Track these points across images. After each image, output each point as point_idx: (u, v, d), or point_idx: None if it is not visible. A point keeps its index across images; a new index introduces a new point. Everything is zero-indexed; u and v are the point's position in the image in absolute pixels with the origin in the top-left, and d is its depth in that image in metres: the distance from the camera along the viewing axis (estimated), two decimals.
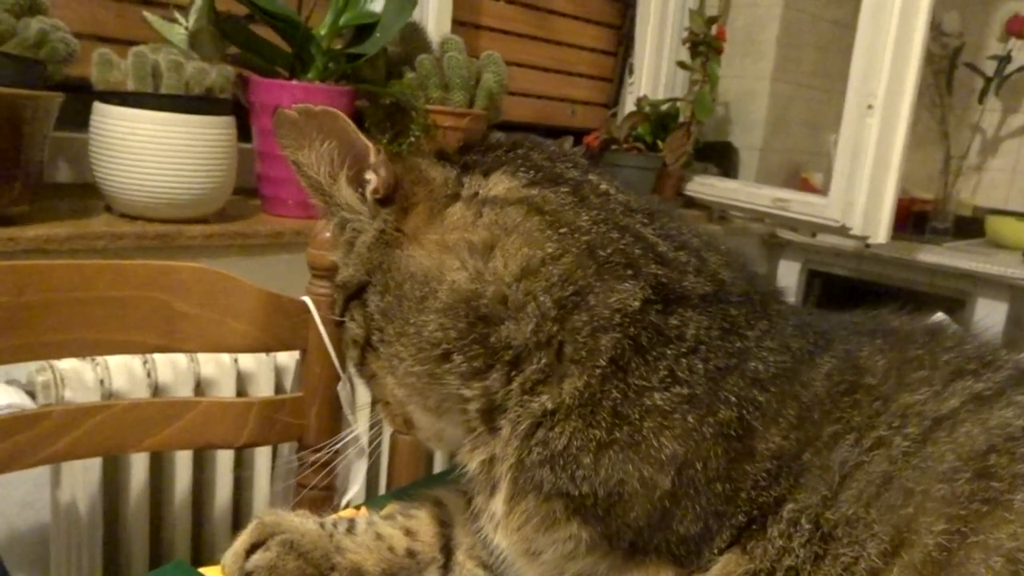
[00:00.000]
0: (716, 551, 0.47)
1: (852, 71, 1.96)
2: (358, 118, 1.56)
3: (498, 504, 0.52)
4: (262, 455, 1.37)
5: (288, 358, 1.33)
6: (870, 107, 1.91)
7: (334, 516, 0.62)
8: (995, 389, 0.47)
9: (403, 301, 0.52)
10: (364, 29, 1.50)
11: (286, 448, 1.32)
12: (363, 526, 0.60)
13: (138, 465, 1.23)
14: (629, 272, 0.49)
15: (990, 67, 2.77)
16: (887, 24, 1.86)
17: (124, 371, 1.18)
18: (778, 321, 0.51)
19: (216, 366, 1.27)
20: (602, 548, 0.49)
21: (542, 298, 0.49)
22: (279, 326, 1.00)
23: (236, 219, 1.41)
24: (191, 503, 1.31)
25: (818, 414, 0.47)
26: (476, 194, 0.53)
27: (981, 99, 2.80)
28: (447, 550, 0.60)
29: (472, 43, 1.88)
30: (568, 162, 0.56)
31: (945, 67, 2.74)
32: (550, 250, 0.50)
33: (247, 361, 1.30)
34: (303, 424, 1.03)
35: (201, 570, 0.60)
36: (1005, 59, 2.73)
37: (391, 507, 0.63)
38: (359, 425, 1.07)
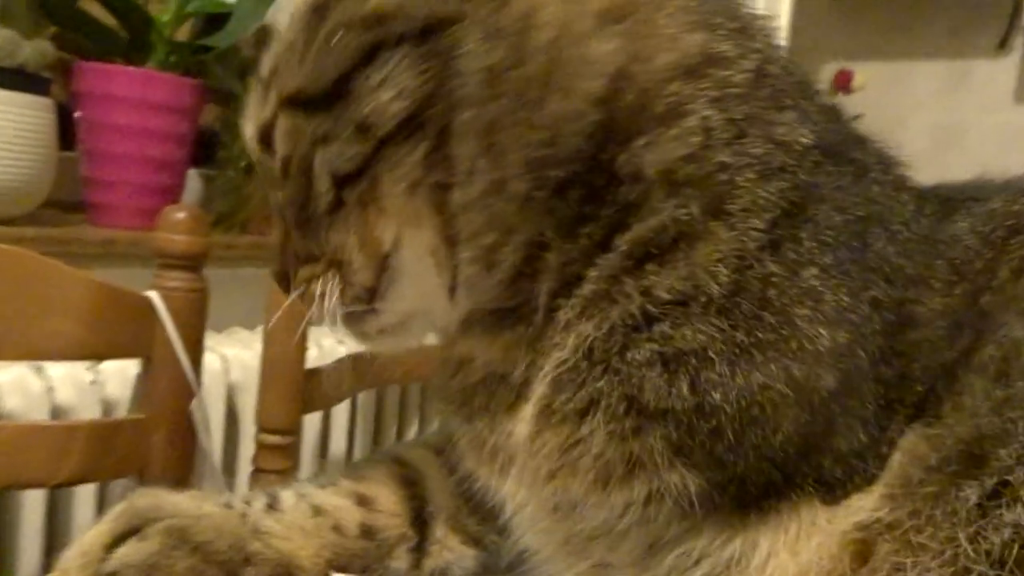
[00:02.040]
0: (881, 456, 0.36)
1: None
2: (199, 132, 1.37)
3: (522, 425, 0.36)
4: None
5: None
6: None
7: (247, 492, 0.44)
8: None
9: (526, 82, 0.38)
10: (215, 20, 1.33)
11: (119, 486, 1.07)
12: (292, 499, 0.43)
13: None
14: (789, 103, 0.40)
15: None
16: None
17: None
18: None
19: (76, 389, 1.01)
20: (706, 506, 0.36)
21: (707, 112, 0.37)
22: (115, 327, 0.79)
23: (57, 226, 1.17)
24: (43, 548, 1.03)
25: (980, 262, 0.39)
26: None
27: None
28: (420, 522, 0.44)
29: None
30: None
31: None
32: (726, 50, 0.39)
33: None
34: (145, 453, 0.82)
35: None
36: None
37: (332, 473, 0.46)
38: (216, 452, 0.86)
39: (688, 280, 0.37)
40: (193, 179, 1.46)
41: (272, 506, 0.43)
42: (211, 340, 1.23)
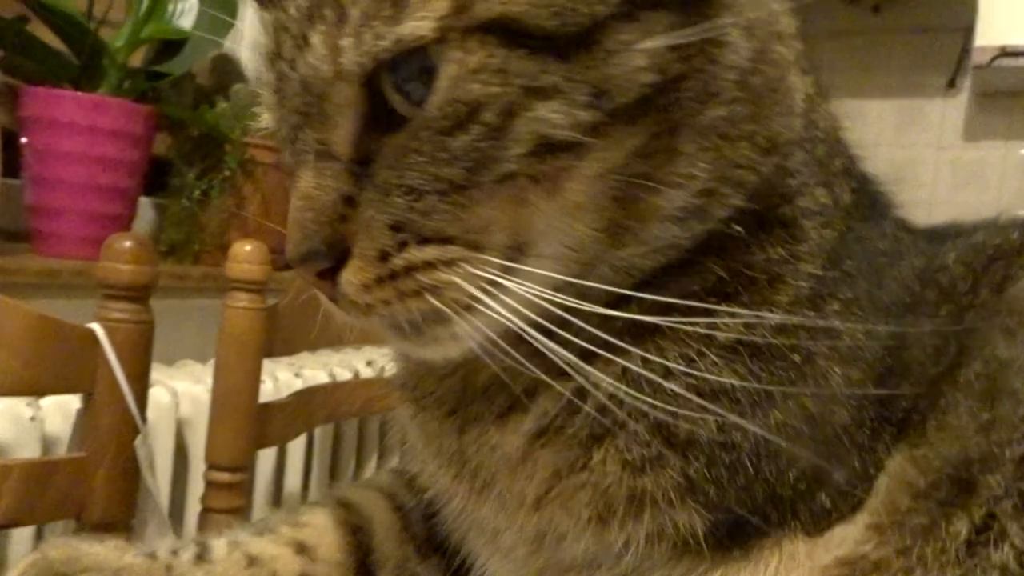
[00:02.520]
0: (869, 479, 0.36)
1: None
2: (154, 159, 1.34)
3: (512, 439, 0.36)
4: None
5: None
6: None
7: (173, 540, 0.40)
8: None
9: (762, 93, 0.37)
10: (170, 46, 1.31)
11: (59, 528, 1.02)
12: (224, 548, 0.40)
13: None
14: (839, 159, 0.43)
15: None
16: None
17: None
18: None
19: (14, 425, 0.96)
20: (703, 545, 0.35)
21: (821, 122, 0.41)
22: (56, 361, 0.75)
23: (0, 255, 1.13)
24: None
25: (964, 285, 0.40)
26: None
27: None
28: (365, 572, 0.41)
29: None
30: None
31: None
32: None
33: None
34: (84, 494, 0.77)
35: None
36: None
37: (270, 517, 0.42)
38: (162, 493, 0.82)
39: (750, 328, 0.36)
40: (146, 207, 1.42)
41: (202, 556, 0.40)
42: (160, 373, 1.19)
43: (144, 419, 0.80)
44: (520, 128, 0.32)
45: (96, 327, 0.77)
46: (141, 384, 0.80)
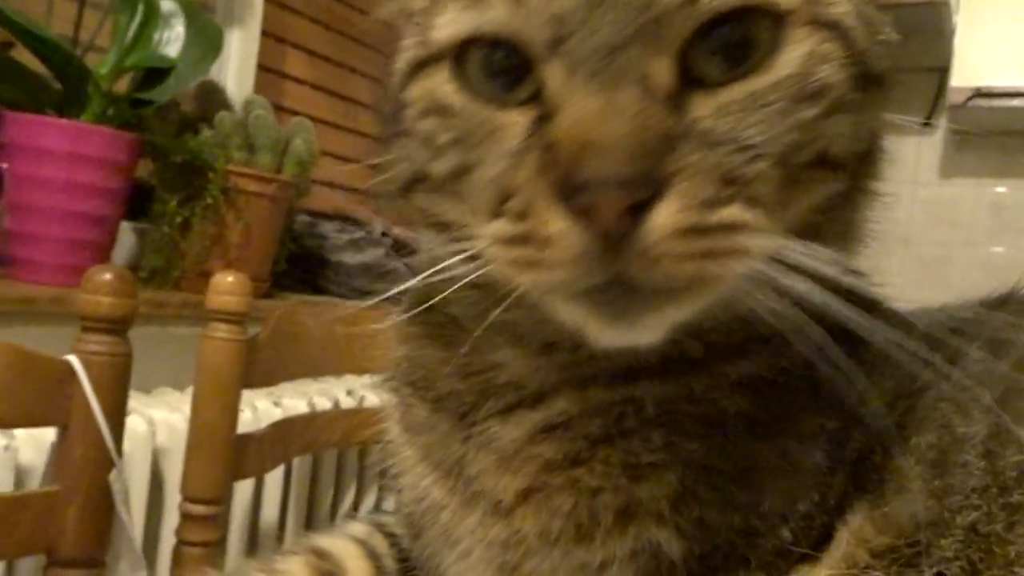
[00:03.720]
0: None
1: None
2: (137, 185, 1.33)
3: (510, 429, 0.37)
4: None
5: None
6: None
7: None
8: None
9: None
10: (155, 74, 1.31)
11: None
12: None
13: None
14: None
15: None
16: None
17: None
18: None
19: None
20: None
21: None
22: (30, 393, 0.74)
23: None
24: None
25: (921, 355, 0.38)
26: None
27: None
28: None
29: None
30: None
31: None
32: None
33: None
34: (56, 529, 0.76)
35: None
36: None
37: (244, 565, 0.42)
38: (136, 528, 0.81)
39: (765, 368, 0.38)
40: (127, 232, 1.41)
41: None
42: (137, 401, 1.18)
43: (120, 453, 0.79)
44: (843, 124, 0.35)
45: (73, 359, 0.76)
46: (117, 417, 0.79)
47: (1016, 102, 2.31)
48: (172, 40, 1.33)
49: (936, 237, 2.76)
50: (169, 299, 1.28)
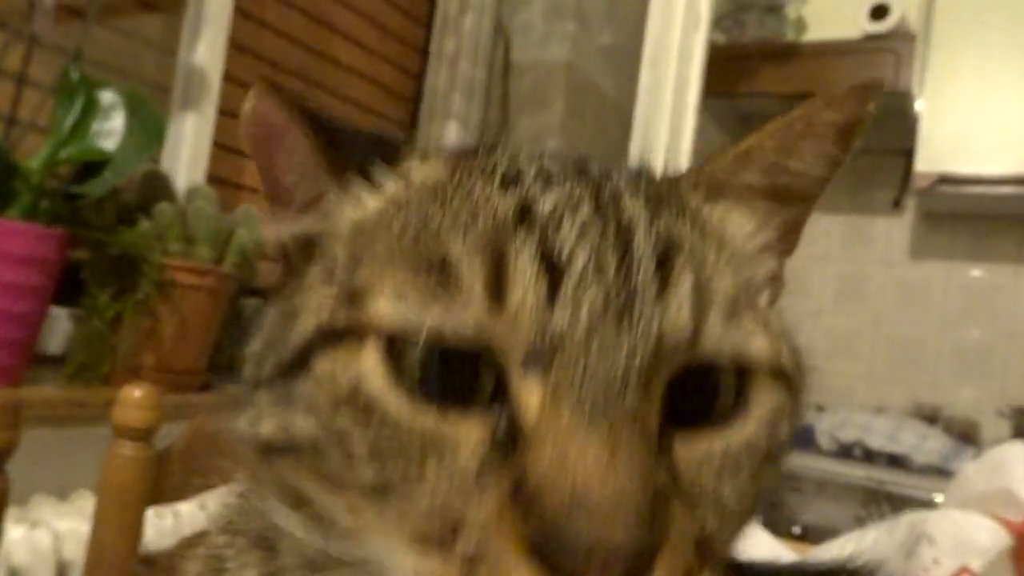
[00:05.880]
0: None
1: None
2: (74, 268, 1.30)
3: None
4: None
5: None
6: None
7: None
8: None
9: None
10: (92, 166, 1.29)
11: None
12: None
13: None
14: None
15: None
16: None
17: None
18: None
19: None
20: None
21: None
22: None
23: None
24: None
25: None
26: None
27: None
28: None
29: (231, 202, 1.71)
30: None
31: None
32: None
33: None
34: None
35: None
36: None
37: None
38: None
39: None
40: (60, 319, 1.38)
41: None
42: (48, 510, 1.13)
43: None
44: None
45: None
46: None
47: (979, 189, 2.31)
48: (112, 132, 1.31)
49: (907, 318, 2.74)
50: (92, 398, 1.24)
